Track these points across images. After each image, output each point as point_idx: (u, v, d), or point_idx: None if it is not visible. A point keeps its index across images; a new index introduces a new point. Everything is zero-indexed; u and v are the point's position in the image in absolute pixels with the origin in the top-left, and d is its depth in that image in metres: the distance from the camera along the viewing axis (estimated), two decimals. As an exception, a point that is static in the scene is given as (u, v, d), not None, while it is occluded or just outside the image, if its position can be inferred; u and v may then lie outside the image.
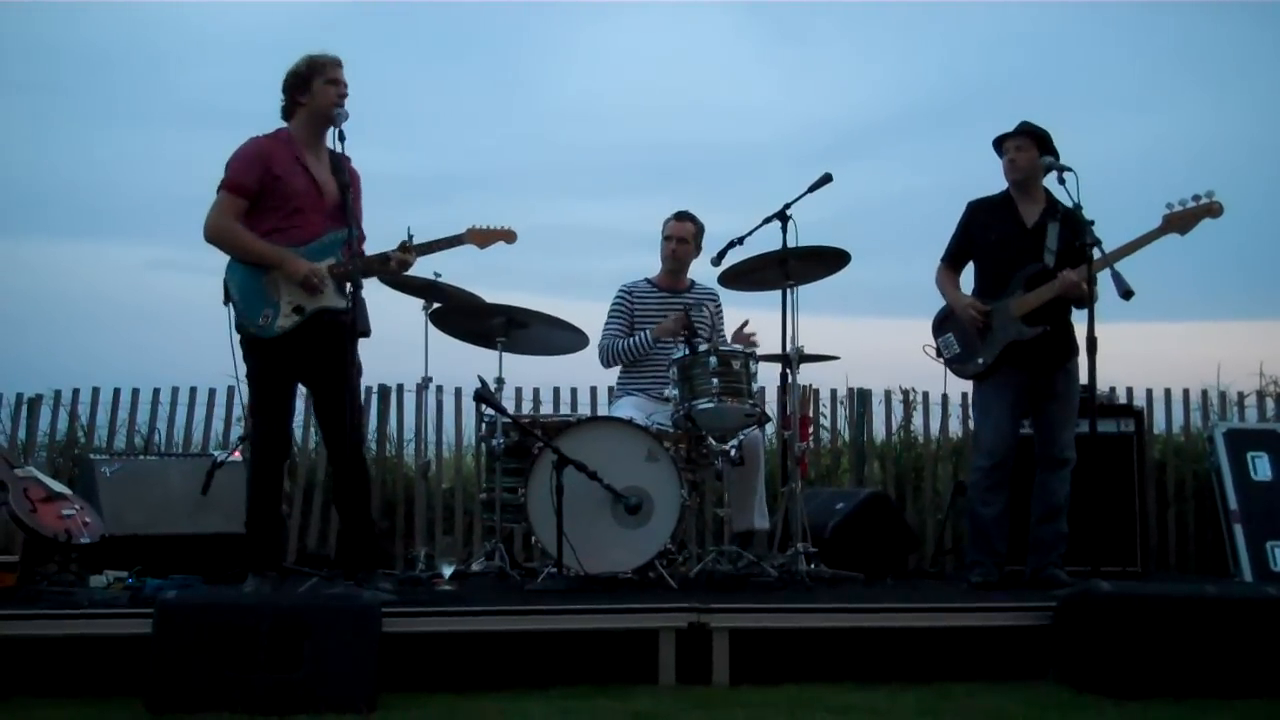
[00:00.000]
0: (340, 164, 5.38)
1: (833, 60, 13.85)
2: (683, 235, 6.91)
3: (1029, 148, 6.05)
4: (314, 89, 5.31)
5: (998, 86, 12.68)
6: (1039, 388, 6.07)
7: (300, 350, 5.25)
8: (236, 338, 5.31)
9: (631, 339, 6.81)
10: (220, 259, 5.29)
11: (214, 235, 5.28)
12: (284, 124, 5.44)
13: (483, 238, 5.75)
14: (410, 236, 5.49)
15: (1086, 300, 5.70)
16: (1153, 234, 5.84)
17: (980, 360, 6.12)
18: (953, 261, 6.33)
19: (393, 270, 5.50)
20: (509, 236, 5.83)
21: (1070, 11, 11.92)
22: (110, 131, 12.51)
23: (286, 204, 5.28)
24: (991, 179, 6.24)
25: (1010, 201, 6.17)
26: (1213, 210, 5.80)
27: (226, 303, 5.29)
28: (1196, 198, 5.80)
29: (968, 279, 6.32)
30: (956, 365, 6.29)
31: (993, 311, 6.06)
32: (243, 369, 5.33)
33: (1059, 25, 12.37)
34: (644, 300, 6.94)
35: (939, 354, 6.35)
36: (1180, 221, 5.81)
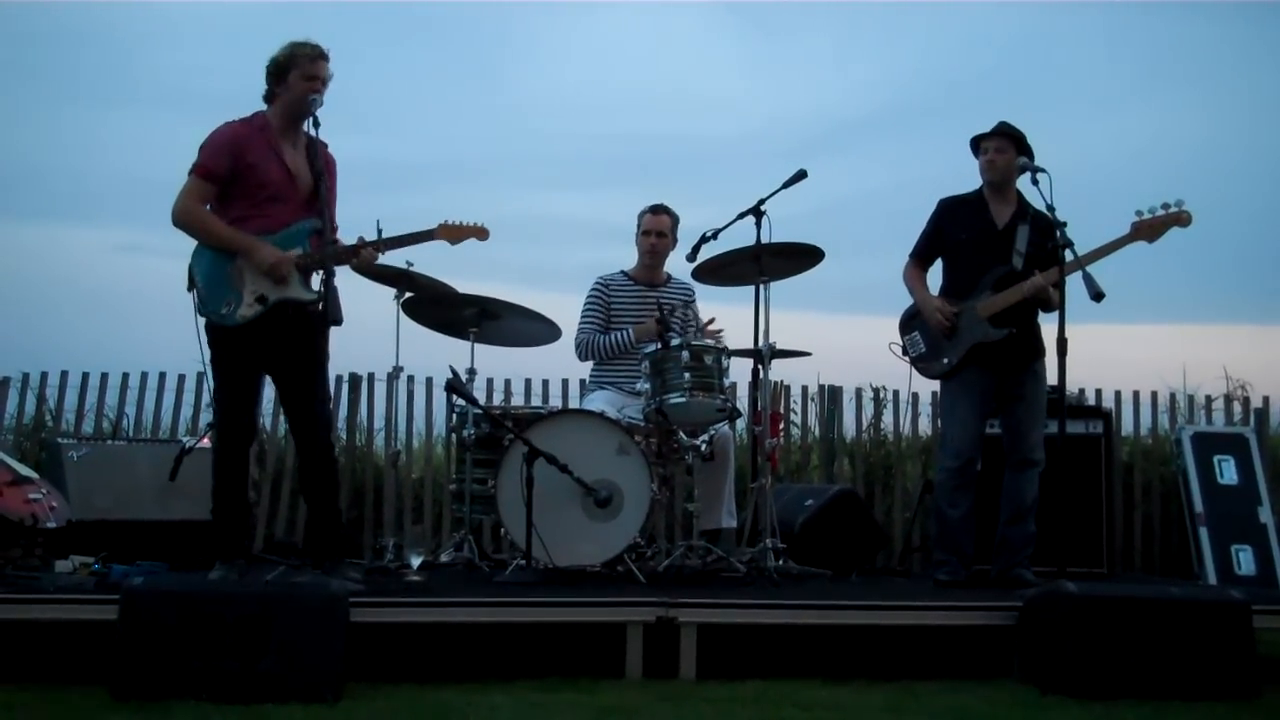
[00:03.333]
0: (316, 151, 5.32)
1: (808, 57, 13.87)
2: (661, 229, 6.87)
3: (1007, 149, 6.06)
4: (290, 81, 5.27)
5: (972, 86, 12.75)
6: (1005, 389, 6.09)
7: (264, 339, 5.21)
8: (200, 323, 5.27)
9: (611, 336, 6.77)
10: (191, 244, 5.26)
11: (181, 219, 5.25)
12: (264, 106, 5.40)
13: (454, 233, 5.63)
14: (380, 230, 5.41)
15: (1053, 304, 5.72)
16: (1121, 241, 5.86)
17: (946, 360, 6.14)
18: (921, 258, 6.33)
19: (359, 262, 5.44)
20: (480, 234, 5.70)
21: (1044, 12, 11.99)
22: (81, 113, 12.43)
23: (259, 192, 5.25)
24: (964, 178, 6.27)
25: (982, 201, 6.18)
26: (1181, 220, 5.82)
27: (190, 289, 5.25)
28: (1166, 206, 5.82)
29: (935, 276, 6.34)
30: (922, 364, 6.30)
31: (960, 312, 6.08)
32: (207, 354, 5.30)
33: (1032, 25, 12.44)
34: (620, 293, 6.92)
35: (905, 352, 6.36)
36: (1149, 229, 5.84)
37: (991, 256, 6.06)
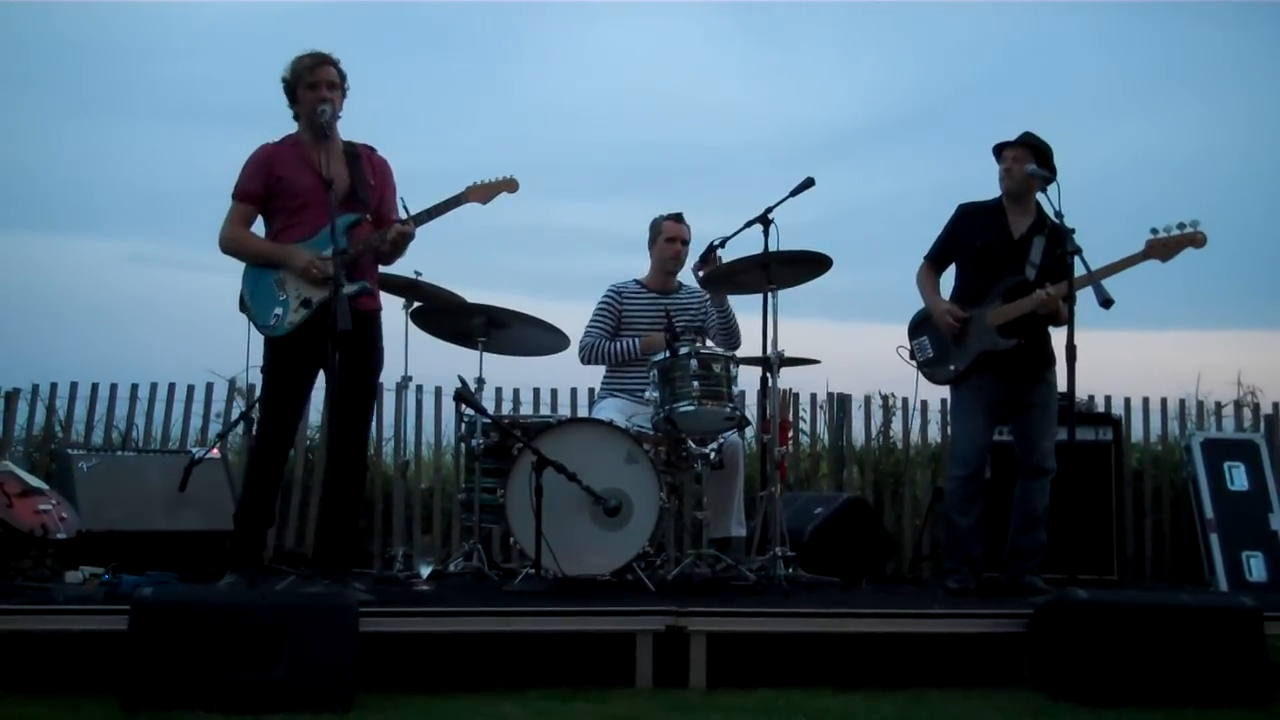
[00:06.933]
0: (357, 154, 5.41)
1: (813, 63, 13.87)
2: (684, 237, 6.88)
3: (1027, 159, 6.02)
4: (300, 97, 5.35)
5: (978, 91, 12.75)
6: (1016, 397, 6.07)
7: (316, 343, 5.21)
8: (255, 339, 5.35)
9: (617, 344, 6.77)
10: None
11: (224, 244, 5.38)
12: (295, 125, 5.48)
13: (484, 192, 5.59)
14: (404, 206, 5.44)
15: (1062, 319, 5.69)
16: (1134, 258, 5.83)
17: (953, 367, 6.13)
18: (935, 262, 6.33)
19: (393, 244, 5.43)
20: (511, 186, 5.66)
21: (1051, 16, 11.98)
22: (86, 125, 12.45)
23: (292, 201, 5.33)
24: (973, 184, 6.27)
25: (1001, 210, 6.16)
26: (1196, 241, 5.79)
27: (241, 309, 5.34)
28: (1181, 226, 5.79)
29: (947, 281, 6.34)
30: (929, 369, 6.30)
31: (969, 319, 6.07)
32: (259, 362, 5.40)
33: (1035, 31, 12.43)
34: (633, 301, 6.92)
35: (912, 356, 6.36)
36: (1163, 248, 5.80)
37: (1004, 266, 6.05)
